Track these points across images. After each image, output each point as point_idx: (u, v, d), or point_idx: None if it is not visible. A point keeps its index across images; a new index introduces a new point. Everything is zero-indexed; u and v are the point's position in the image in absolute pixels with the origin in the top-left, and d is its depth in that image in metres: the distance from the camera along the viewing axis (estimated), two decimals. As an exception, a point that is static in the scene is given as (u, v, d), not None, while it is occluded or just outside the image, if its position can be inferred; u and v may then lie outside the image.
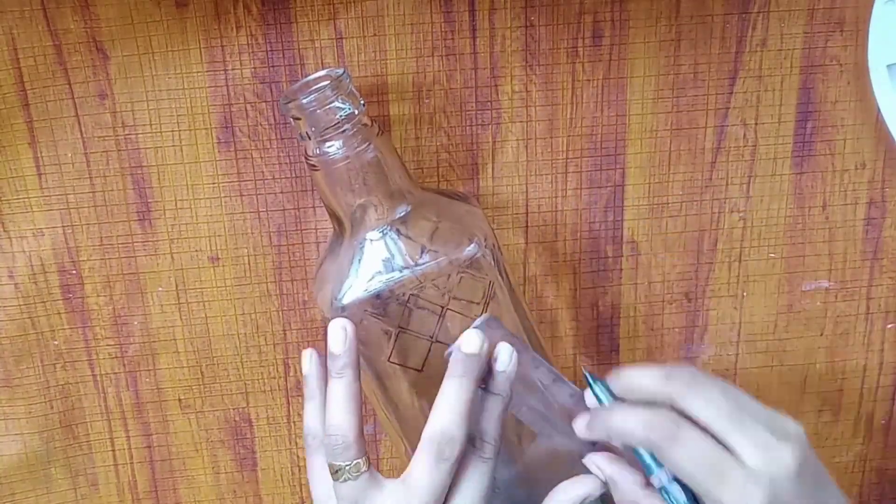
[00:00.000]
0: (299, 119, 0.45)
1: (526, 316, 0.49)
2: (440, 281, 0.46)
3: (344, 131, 0.45)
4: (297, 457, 0.58)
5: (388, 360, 0.47)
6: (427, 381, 0.47)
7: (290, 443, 0.57)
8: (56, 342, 0.54)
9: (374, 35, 0.50)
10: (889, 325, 0.58)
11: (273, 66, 0.51)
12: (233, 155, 0.52)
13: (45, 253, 0.53)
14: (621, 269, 0.56)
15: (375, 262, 0.46)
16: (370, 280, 0.46)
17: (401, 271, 0.45)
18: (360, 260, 0.46)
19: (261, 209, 0.53)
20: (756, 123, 0.54)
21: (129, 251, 0.53)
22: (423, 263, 0.45)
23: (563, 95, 0.52)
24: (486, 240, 0.46)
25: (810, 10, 0.52)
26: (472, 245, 0.46)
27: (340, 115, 0.44)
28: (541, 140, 0.53)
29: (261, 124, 0.52)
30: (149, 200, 0.52)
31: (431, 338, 0.47)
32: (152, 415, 0.56)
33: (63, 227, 0.52)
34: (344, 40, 0.50)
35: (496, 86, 0.52)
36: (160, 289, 0.54)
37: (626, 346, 0.57)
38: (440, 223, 0.47)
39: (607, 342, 0.57)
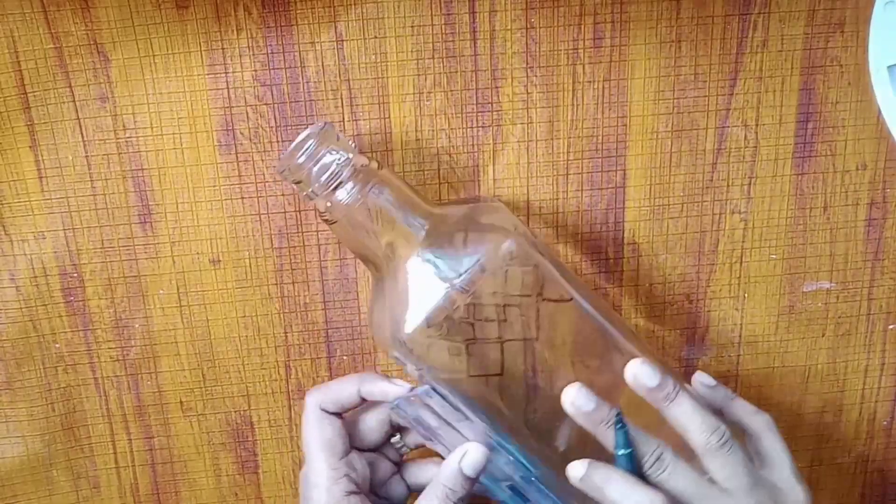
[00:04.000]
0: (300, 182, 0.46)
1: (578, 283, 0.49)
2: (488, 282, 0.46)
3: (344, 178, 0.45)
4: (299, 459, 0.58)
5: (469, 375, 0.47)
6: (512, 382, 0.48)
7: (292, 445, 0.57)
8: (57, 345, 0.54)
9: (375, 37, 0.50)
10: (891, 326, 0.58)
11: (274, 69, 0.51)
12: (234, 158, 0.52)
13: (47, 256, 0.53)
14: (622, 271, 0.56)
15: (422, 286, 0.46)
16: (424, 304, 0.45)
17: (450, 286, 0.45)
18: (407, 291, 0.46)
19: (262, 212, 0.53)
20: (757, 124, 0.54)
21: (131, 254, 0.53)
22: (467, 272, 0.45)
23: (564, 97, 0.52)
24: (515, 229, 0.46)
25: (811, 11, 0.52)
26: (507, 241, 0.46)
27: (337, 165, 0.45)
28: (541, 142, 0.53)
29: (261, 127, 0.52)
30: (150, 203, 0.52)
31: (499, 339, 0.47)
32: (154, 417, 0.56)
33: (64, 229, 0.52)
34: (344, 42, 0.50)
35: (497, 88, 0.52)
36: (161, 291, 0.54)
37: (627, 348, 0.57)
38: (468, 230, 0.47)
39: (608, 344, 0.57)
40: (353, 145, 0.46)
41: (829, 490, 0.61)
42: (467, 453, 0.46)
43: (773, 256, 0.56)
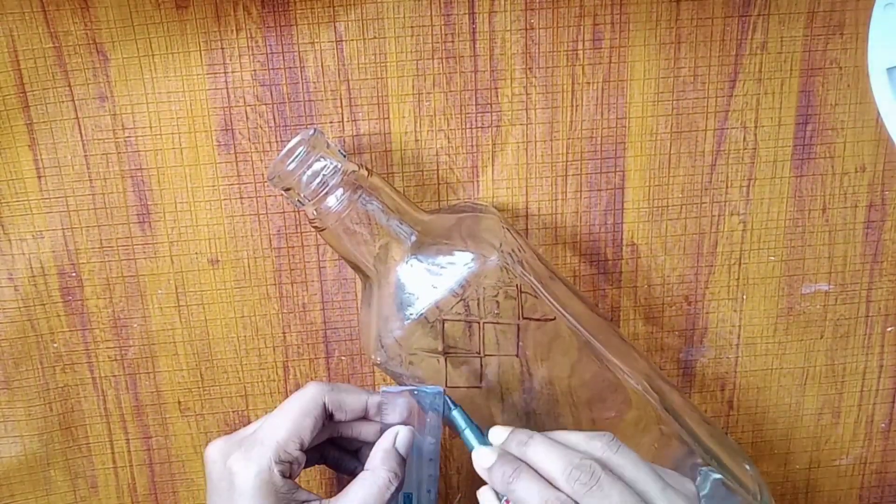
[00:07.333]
0: (290, 189, 0.46)
1: (570, 295, 0.49)
2: (472, 297, 0.46)
3: (334, 184, 0.46)
4: (297, 459, 0.58)
5: (446, 385, 0.47)
6: (491, 394, 0.48)
7: (290, 445, 0.57)
8: (56, 345, 0.54)
9: (374, 38, 0.50)
10: (889, 328, 0.58)
11: (273, 69, 0.51)
12: (233, 157, 0.52)
13: (45, 255, 0.53)
14: (621, 272, 0.56)
15: (409, 293, 0.46)
16: (409, 310, 0.46)
17: (436, 295, 0.45)
18: (393, 296, 0.46)
19: (260, 212, 0.53)
20: (756, 126, 0.54)
21: (129, 254, 0.53)
22: (450, 284, 0.45)
23: (563, 98, 0.52)
24: (501, 245, 0.46)
25: (810, 13, 0.52)
26: (490, 259, 0.46)
27: (326, 172, 0.46)
28: (541, 143, 0.53)
29: (260, 127, 0.52)
30: (148, 203, 0.52)
31: (479, 354, 0.47)
32: (152, 417, 0.56)
33: (63, 229, 0.52)
34: (344, 43, 0.50)
35: (496, 88, 0.52)
36: (160, 291, 0.54)
37: (625, 349, 0.57)
38: (455, 242, 0.47)
39: (607, 345, 0.57)
40: (343, 152, 0.47)
41: (826, 492, 0.61)
42: (399, 433, 0.47)
43: (772, 258, 0.56)
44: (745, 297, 0.57)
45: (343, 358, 0.56)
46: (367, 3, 0.50)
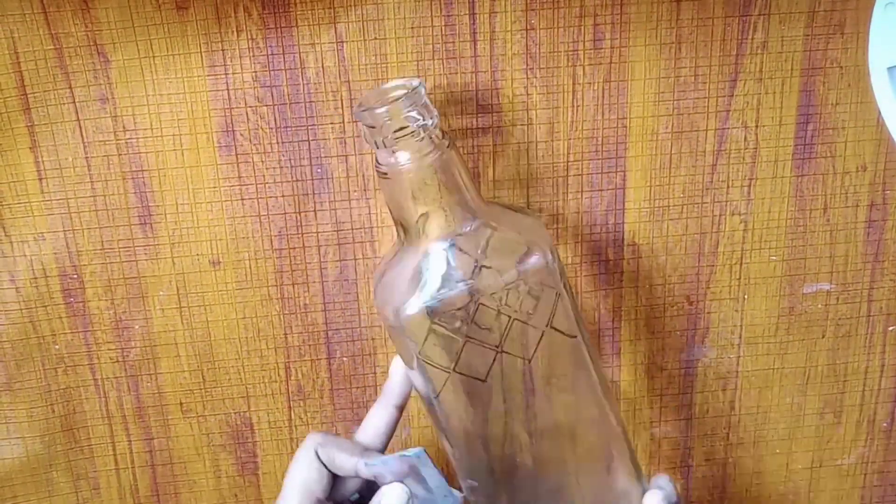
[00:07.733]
0: (374, 127, 0.45)
1: (584, 325, 0.49)
2: (505, 291, 0.46)
3: (416, 141, 0.44)
4: (299, 460, 0.58)
5: (454, 370, 0.47)
6: (488, 391, 0.47)
7: (292, 446, 0.57)
8: (57, 346, 0.54)
9: (375, 39, 0.51)
10: (891, 328, 0.58)
11: (274, 70, 0.51)
12: (234, 159, 0.52)
13: (47, 257, 0.53)
14: (622, 272, 0.56)
15: (439, 273, 0.45)
16: (436, 291, 0.45)
17: (466, 283, 0.45)
18: (424, 271, 0.46)
19: (262, 213, 0.53)
20: (757, 126, 0.54)
21: (131, 255, 0.53)
22: (488, 275, 0.45)
23: (564, 99, 0.52)
24: (549, 251, 0.46)
25: (811, 13, 0.52)
26: (537, 256, 0.45)
27: (414, 126, 0.44)
28: (541, 143, 0.53)
29: (262, 128, 0.52)
30: (150, 204, 0.52)
31: (497, 347, 0.47)
32: (154, 419, 0.56)
33: (64, 231, 0.52)
34: (345, 44, 0.51)
35: (497, 89, 0.52)
36: (161, 293, 0.54)
37: (627, 350, 0.57)
38: (504, 236, 0.46)
39: (609, 345, 0.57)
40: (436, 114, 0.45)
41: (828, 492, 0.61)
42: (385, 495, 0.46)
43: (773, 258, 0.56)
44: (746, 296, 0.57)
45: (345, 359, 0.56)
46: (367, 4, 0.50)
